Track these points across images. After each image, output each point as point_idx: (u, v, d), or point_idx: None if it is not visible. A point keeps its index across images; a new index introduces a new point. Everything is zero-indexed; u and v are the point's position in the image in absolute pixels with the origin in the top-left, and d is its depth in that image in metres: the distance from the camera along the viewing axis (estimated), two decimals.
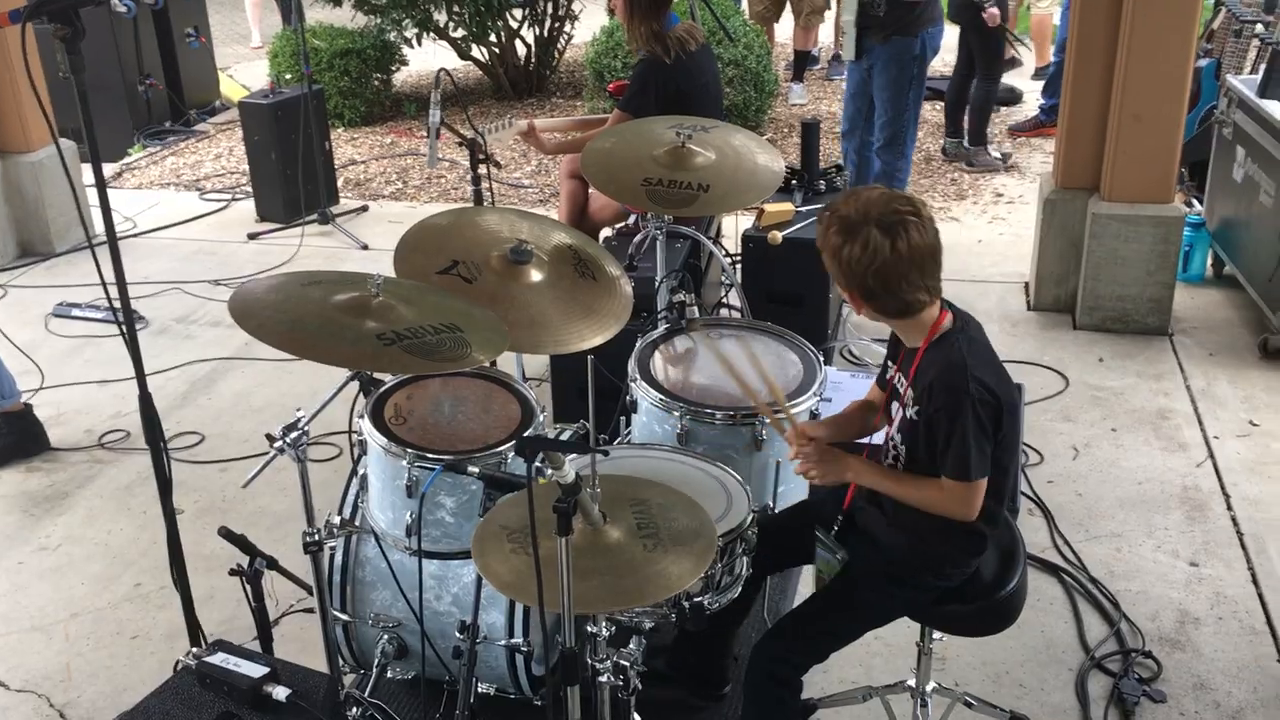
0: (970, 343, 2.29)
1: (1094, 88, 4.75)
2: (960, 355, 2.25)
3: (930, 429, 2.27)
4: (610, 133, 3.59)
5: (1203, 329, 4.91)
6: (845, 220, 2.21)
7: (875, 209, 2.19)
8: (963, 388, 2.21)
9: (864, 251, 2.18)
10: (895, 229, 2.17)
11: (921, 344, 2.30)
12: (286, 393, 4.62)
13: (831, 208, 2.27)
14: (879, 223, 2.18)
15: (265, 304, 2.21)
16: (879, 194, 2.23)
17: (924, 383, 2.28)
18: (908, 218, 2.19)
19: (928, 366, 2.29)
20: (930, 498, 2.32)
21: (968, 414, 2.20)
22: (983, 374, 2.25)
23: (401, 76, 8.86)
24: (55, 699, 3.13)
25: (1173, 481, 3.89)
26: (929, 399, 2.26)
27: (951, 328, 2.31)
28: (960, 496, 2.27)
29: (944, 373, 2.24)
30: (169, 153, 7.83)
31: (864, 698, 2.85)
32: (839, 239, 2.21)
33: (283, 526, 3.72)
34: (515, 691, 2.81)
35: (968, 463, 2.22)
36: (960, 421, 2.21)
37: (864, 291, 2.24)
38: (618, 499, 2.19)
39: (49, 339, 5.15)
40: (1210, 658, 3.13)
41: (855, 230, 2.19)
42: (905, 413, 2.32)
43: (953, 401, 2.22)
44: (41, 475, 4.16)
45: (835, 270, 2.26)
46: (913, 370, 2.32)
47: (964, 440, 2.21)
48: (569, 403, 3.99)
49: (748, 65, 7.20)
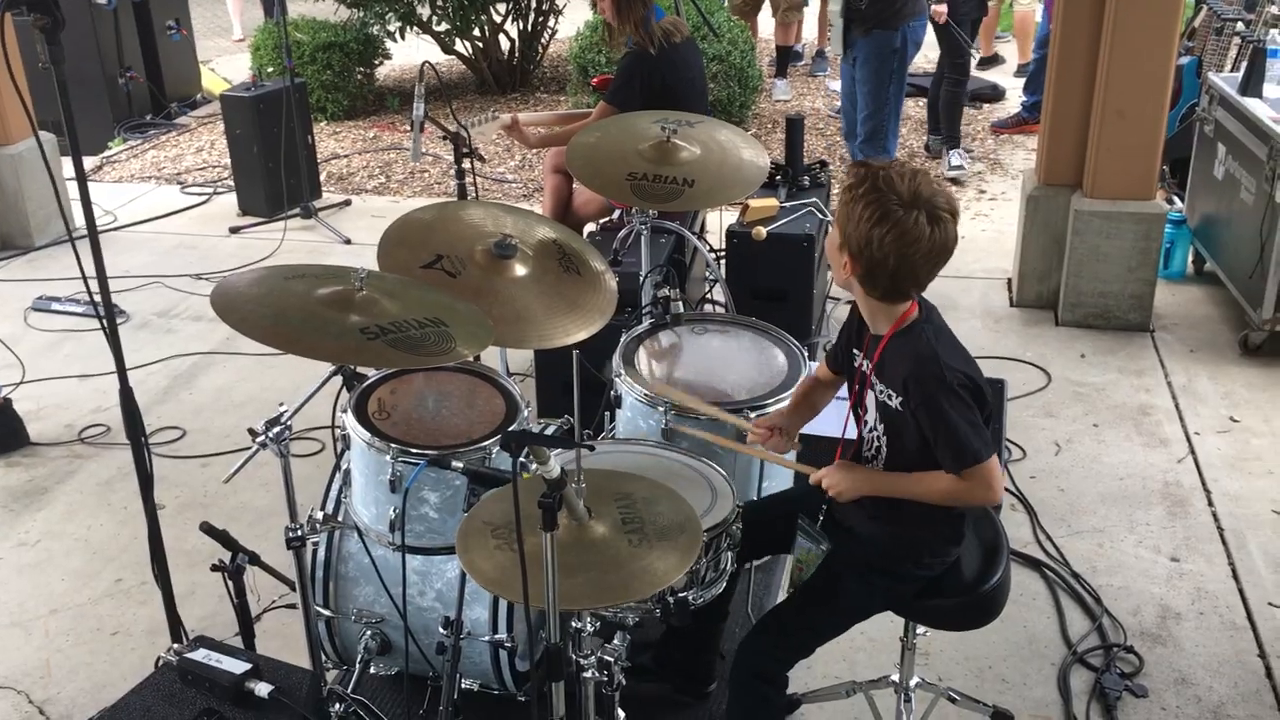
0: (937, 331, 2.30)
1: (1076, 85, 4.77)
2: (929, 346, 2.25)
3: (917, 424, 2.26)
4: (595, 127, 3.58)
5: (1184, 325, 4.93)
6: (897, 197, 2.16)
7: (925, 194, 2.17)
8: (939, 377, 2.21)
9: (903, 234, 2.15)
10: (936, 221, 2.18)
11: (887, 331, 2.30)
12: (268, 388, 4.60)
13: (881, 175, 2.19)
14: (928, 210, 2.17)
15: (248, 298, 2.19)
16: (927, 180, 2.21)
17: (896, 375, 2.27)
18: (945, 214, 2.20)
19: (895, 356, 2.29)
20: (951, 490, 2.27)
21: (948, 402, 2.20)
22: (951, 360, 2.26)
23: (384, 71, 8.83)
24: (35, 695, 3.10)
25: (1154, 477, 3.91)
26: (908, 395, 2.25)
27: (917, 317, 2.31)
28: (981, 479, 2.23)
29: (917, 366, 2.24)
30: (150, 146, 7.77)
31: (848, 693, 2.85)
32: (877, 211, 2.17)
33: (265, 522, 3.70)
34: (499, 687, 2.80)
35: (969, 447, 2.21)
36: (943, 414, 2.20)
37: (873, 266, 2.21)
38: (602, 493, 2.18)
39: (28, 333, 5.11)
40: (1191, 653, 3.15)
41: (905, 210, 2.16)
42: (889, 402, 2.31)
43: (929, 395, 2.21)
44: (20, 470, 4.13)
45: (858, 236, 2.19)
46: (877, 355, 2.32)
47: (953, 430, 2.20)
48: (553, 398, 3.98)
49: (732, 61, 7.19)
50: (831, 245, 2.32)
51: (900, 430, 2.32)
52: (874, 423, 2.39)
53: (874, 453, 2.40)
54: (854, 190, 2.22)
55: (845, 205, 2.23)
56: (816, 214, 4.42)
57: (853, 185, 2.23)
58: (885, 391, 2.32)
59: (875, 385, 2.34)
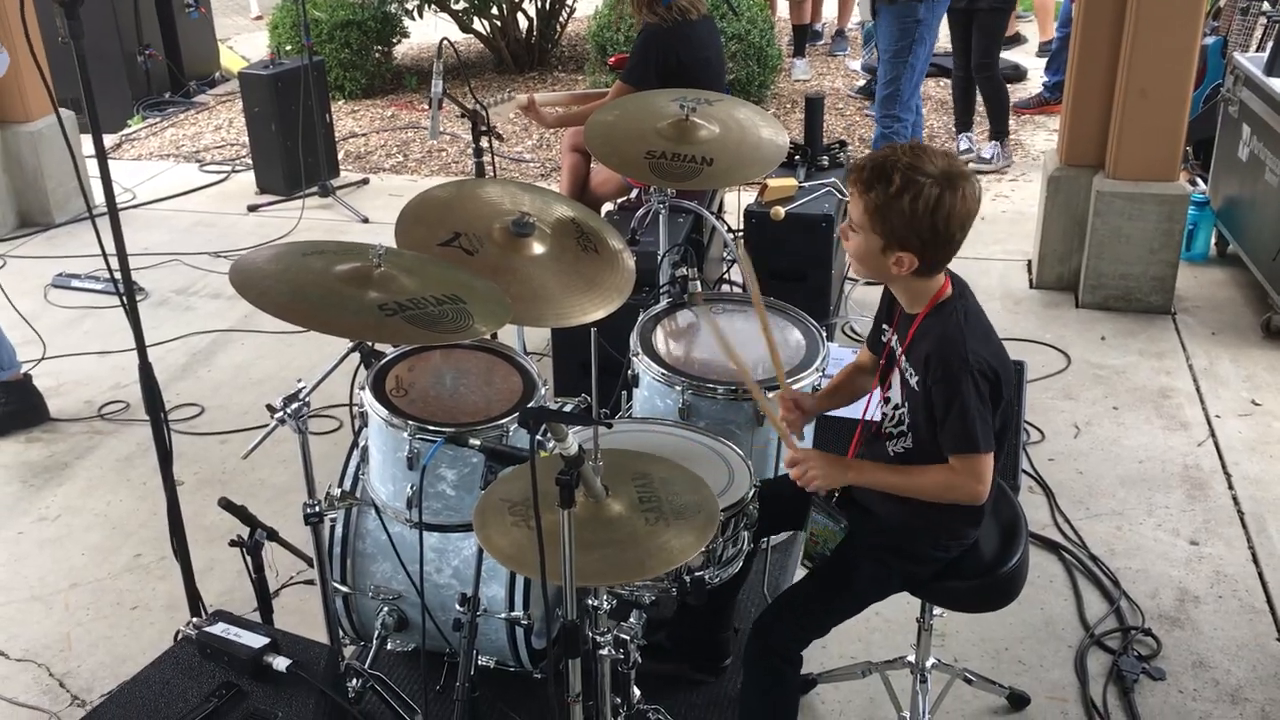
0: (967, 313, 2.28)
1: (1099, 64, 4.72)
2: (957, 327, 2.24)
3: (929, 400, 2.25)
4: (614, 105, 3.56)
5: (1206, 308, 4.89)
6: (933, 178, 2.14)
7: (944, 163, 2.17)
8: (961, 359, 2.20)
9: (955, 208, 2.15)
10: (969, 181, 2.18)
11: (922, 310, 2.29)
12: (286, 365, 4.61)
13: (902, 164, 2.16)
14: (959, 174, 2.17)
15: (266, 274, 2.19)
16: (932, 150, 2.20)
17: (921, 352, 2.26)
18: (967, 170, 2.21)
19: (924, 335, 2.27)
20: (940, 482, 2.27)
21: (967, 386, 2.19)
22: (979, 346, 2.24)
23: (402, 49, 8.82)
24: (55, 668, 3.13)
25: (1174, 460, 3.88)
26: (927, 370, 2.24)
27: (950, 295, 2.30)
28: (972, 470, 2.23)
29: (940, 344, 2.23)
30: (168, 124, 7.79)
31: (864, 673, 2.85)
32: (928, 197, 2.14)
33: (282, 499, 3.72)
34: (515, 664, 2.81)
35: (972, 434, 2.20)
36: (959, 394, 2.19)
37: (935, 252, 2.19)
38: (620, 472, 2.18)
39: (48, 309, 5.14)
40: (1210, 636, 3.13)
41: (948, 185, 2.15)
42: (910, 380, 2.30)
43: (950, 374, 2.20)
44: (41, 446, 4.16)
45: (914, 228, 2.15)
46: (909, 335, 2.30)
47: (964, 412, 2.19)
48: (570, 377, 3.98)
49: (751, 40, 7.16)
50: (868, 252, 2.24)
51: (917, 407, 2.30)
52: (899, 400, 2.37)
53: (899, 431, 2.38)
54: (885, 189, 2.16)
55: (882, 206, 2.17)
56: (835, 194, 4.39)
57: (880, 185, 2.16)
58: (909, 369, 2.31)
59: (902, 363, 2.33)
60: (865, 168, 2.21)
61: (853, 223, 2.27)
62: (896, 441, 2.39)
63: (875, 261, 2.25)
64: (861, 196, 2.21)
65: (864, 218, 2.22)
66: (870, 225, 2.21)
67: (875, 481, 2.38)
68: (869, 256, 2.25)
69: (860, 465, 2.39)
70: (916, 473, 2.32)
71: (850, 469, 2.38)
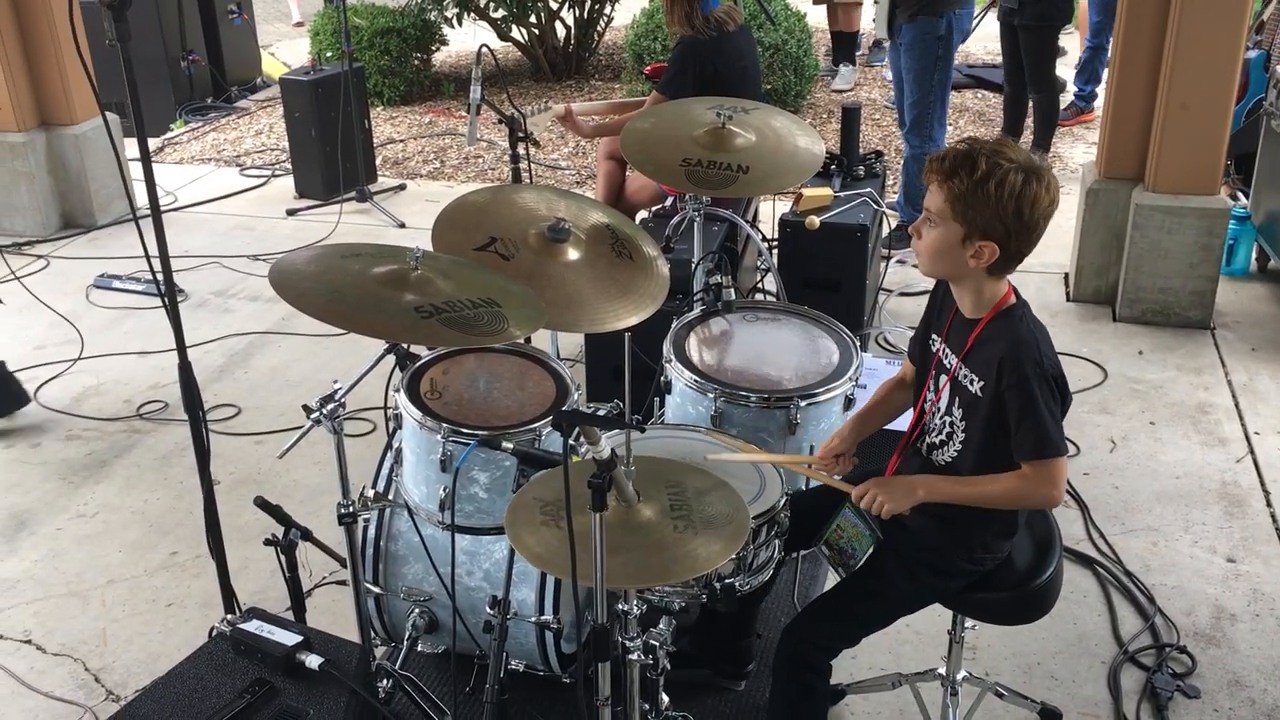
0: (1035, 322, 2.27)
1: (1140, 76, 4.68)
2: (1030, 332, 2.22)
3: (998, 408, 2.22)
4: (650, 112, 3.57)
5: (1245, 323, 4.84)
6: (1016, 165, 2.13)
7: (1024, 155, 2.16)
8: (1035, 363, 2.18)
9: (1040, 196, 2.14)
10: (1048, 175, 2.17)
11: (985, 316, 2.27)
12: (322, 368, 4.65)
13: (987, 150, 2.14)
14: (1038, 165, 2.16)
15: (305, 275, 2.21)
16: (1008, 142, 2.20)
17: (986, 357, 2.23)
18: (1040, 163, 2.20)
19: (989, 340, 2.25)
20: (1012, 489, 2.24)
21: (1043, 390, 2.17)
22: (1050, 351, 2.23)
23: (441, 56, 8.88)
24: (91, 663, 3.17)
25: (1211, 476, 3.84)
26: (999, 376, 2.20)
27: (1016, 303, 2.28)
28: (1047, 476, 2.20)
29: (1014, 348, 2.20)
30: (210, 128, 7.89)
31: (894, 685, 2.84)
32: (1014, 184, 2.12)
33: (316, 500, 3.75)
34: (544, 668, 2.82)
35: (1051, 438, 2.17)
36: (1034, 399, 2.17)
37: (1018, 240, 2.17)
38: (655, 479, 2.19)
39: (90, 310, 5.21)
40: (1246, 654, 3.09)
41: (1032, 172, 2.14)
42: (970, 387, 2.28)
43: (1025, 378, 2.17)
44: (80, 444, 4.21)
45: (1000, 215, 2.13)
46: (970, 341, 2.28)
47: (1039, 416, 2.16)
48: (603, 384, 3.99)
49: (788, 50, 7.15)
50: (946, 245, 2.20)
51: (975, 417, 2.28)
52: (945, 409, 2.35)
53: (944, 439, 2.36)
54: (969, 175, 2.13)
55: (966, 193, 2.14)
56: (871, 204, 4.38)
57: (964, 171, 2.14)
58: (968, 376, 2.28)
59: (960, 371, 2.30)
60: (946, 157, 2.18)
61: (930, 215, 2.22)
62: (942, 451, 2.37)
63: (953, 255, 2.21)
64: (943, 185, 2.18)
65: (945, 207, 2.18)
66: (951, 214, 2.17)
67: (944, 494, 2.31)
68: (946, 250, 2.21)
69: (928, 482, 2.33)
70: (986, 482, 2.28)
71: (919, 487, 2.32)
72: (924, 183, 2.25)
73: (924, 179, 2.25)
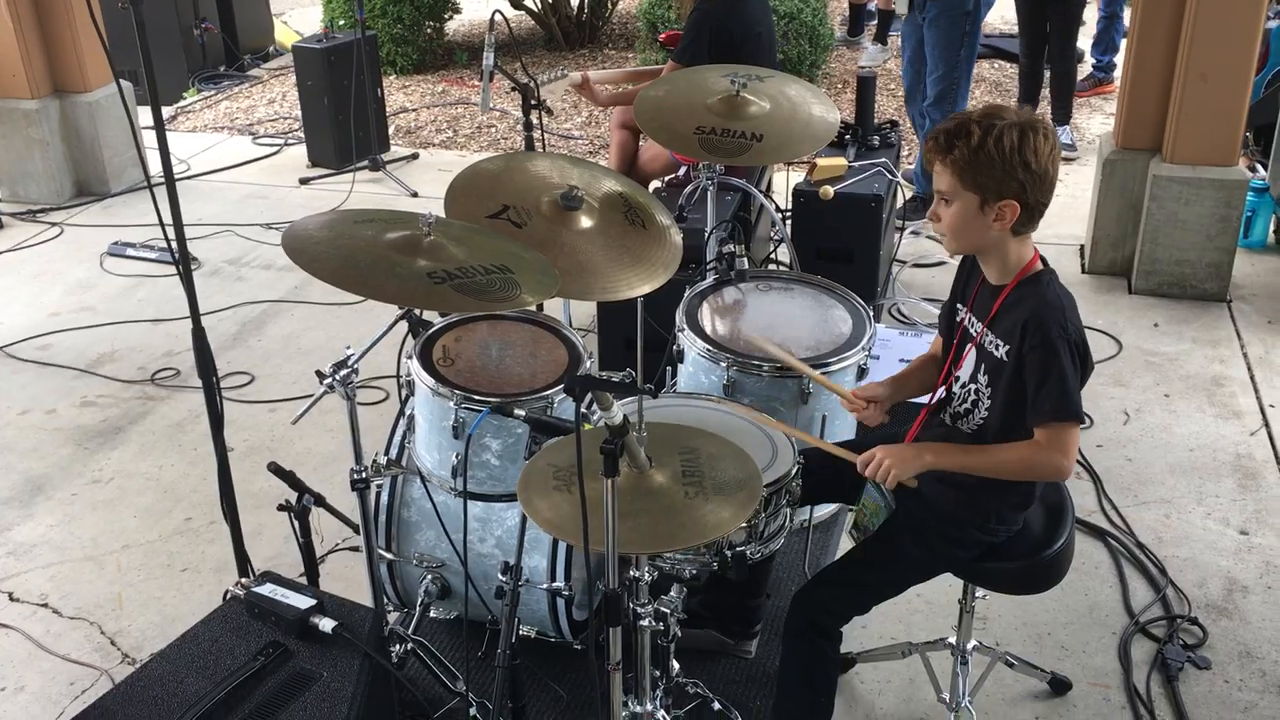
0: (1062, 288, 2.26)
1: (1159, 46, 4.63)
2: (1057, 296, 2.22)
3: (1020, 371, 2.21)
4: (664, 80, 3.55)
5: (1262, 296, 4.80)
6: (1014, 119, 2.15)
7: (1013, 112, 2.18)
8: (1060, 326, 2.18)
9: (1042, 145, 2.15)
10: (1042, 125, 2.18)
11: (1010, 281, 2.26)
12: (335, 336, 4.66)
13: (983, 114, 2.16)
14: (1039, 120, 2.18)
15: (318, 240, 2.21)
16: (997, 105, 2.21)
17: (1011, 321, 2.22)
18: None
19: (1015, 304, 2.24)
20: (1023, 458, 2.24)
21: (1065, 353, 2.16)
22: (1075, 318, 2.23)
23: (454, 25, 8.83)
24: (106, 627, 3.20)
25: (1225, 449, 3.82)
26: (1023, 338, 2.19)
27: (1042, 269, 2.28)
28: (1059, 443, 2.19)
29: (1039, 310, 2.19)
30: (223, 97, 7.87)
31: (904, 653, 2.85)
32: (1013, 139, 2.13)
33: (329, 467, 3.76)
34: (555, 635, 2.83)
35: (1069, 402, 2.16)
36: (1058, 362, 2.16)
37: (1036, 191, 2.17)
38: (668, 445, 2.19)
39: (104, 277, 5.22)
40: (1258, 626, 3.09)
41: (1029, 123, 2.15)
42: (995, 353, 2.27)
43: (1049, 340, 2.17)
44: (95, 410, 4.24)
45: (1010, 169, 2.13)
46: (995, 307, 2.27)
47: (1062, 379, 2.16)
48: (615, 352, 3.99)
49: (803, 19, 7.09)
50: (966, 217, 2.20)
51: (999, 382, 2.27)
52: (969, 376, 2.34)
53: (969, 408, 2.35)
54: (966, 143, 2.14)
55: (969, 161, 2.14)
56: (885, 174, 4.36)
57: (960, 142, 2.15)
58: (994, 341, 2.27)
59: (985, 336, 2.30)
60: (939, 134, 2.19)
61: (942, 194, 2.22)
62: (968, 420, 2.36)
63: (975, 224, 2.20)
64: (944, 161, 2.18)
65: (953, 180, 2.18)
66: (962, 185, 2.18)
67: (954, 464, 2.32)
68: (968, 221, 2.20)
69: (936, 449, 2.33)
70: (997, 450, 2.28)
71: (927, 453, 2.31)
72: (926, 167, 2.25)
73: (925, 163, 2.24)
